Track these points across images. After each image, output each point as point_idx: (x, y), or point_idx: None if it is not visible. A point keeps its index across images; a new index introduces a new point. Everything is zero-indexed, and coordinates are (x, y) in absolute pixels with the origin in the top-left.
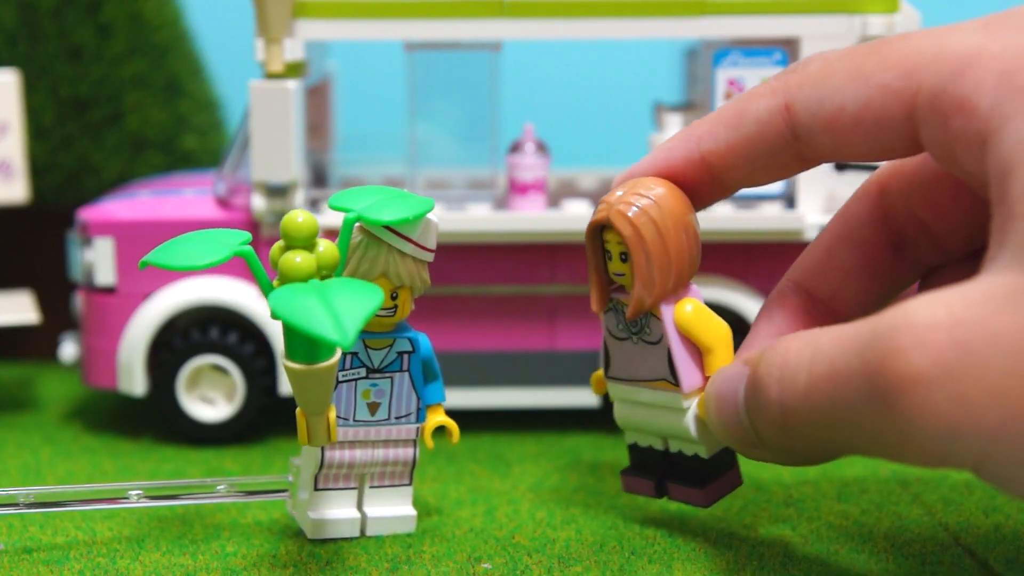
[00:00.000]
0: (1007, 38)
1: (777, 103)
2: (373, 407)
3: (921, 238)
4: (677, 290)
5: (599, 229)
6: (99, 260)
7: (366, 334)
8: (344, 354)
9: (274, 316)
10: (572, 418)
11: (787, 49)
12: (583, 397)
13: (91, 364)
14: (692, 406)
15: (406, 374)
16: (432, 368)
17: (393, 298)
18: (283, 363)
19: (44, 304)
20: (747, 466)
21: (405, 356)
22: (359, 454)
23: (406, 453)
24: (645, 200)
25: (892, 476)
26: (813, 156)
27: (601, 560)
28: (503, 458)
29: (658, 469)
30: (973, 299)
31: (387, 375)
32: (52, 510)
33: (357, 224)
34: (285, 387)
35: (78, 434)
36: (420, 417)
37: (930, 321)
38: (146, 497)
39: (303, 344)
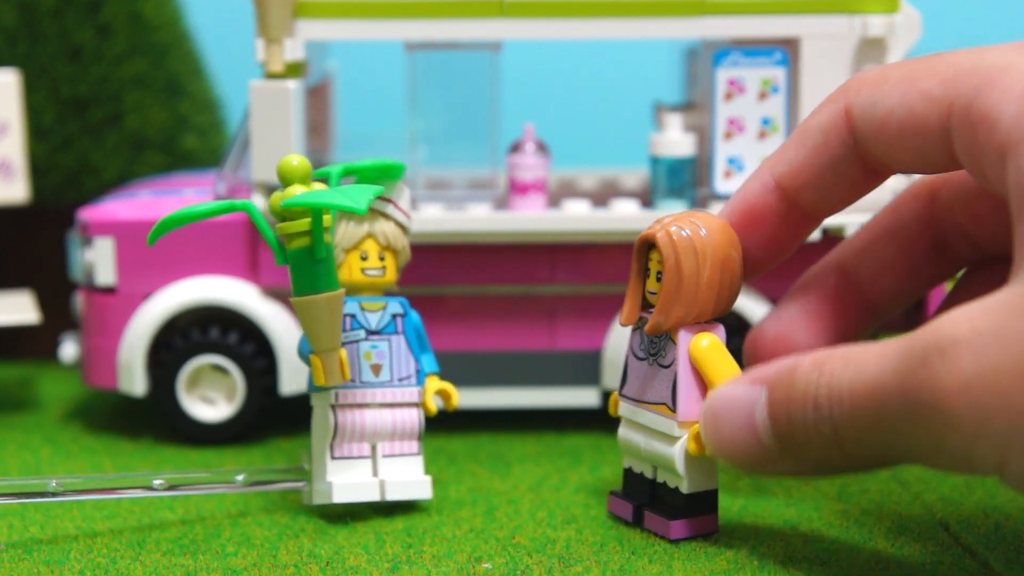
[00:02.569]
0: None
1: (837, 109)
2: (376, 368)
3: (962, 242)
4: (699, 320)
5: (648, 247)
6: (99, 260)
7: (361, 297)
8: (344, 316)
9: (289, 205)
10: (572, 418)
11: (787, 49)
12: (583, 397)
13: (91, 364)
14: (684, 438)
15: (401, 337)
16: (423, 339)
17: (380, 259)
18: (292, 300)
19: (44, 304)
20: None
21: (398, 319)
22: (368, 417)
23: (411, 417)
24: (693, 228)
25: (892, 476)
26: (874, 165)
27: (601, 560)
28: (503, 458)
29: (642, 496)
30: (992, 311)
31: (384, 337)
32: (82, 498)
33: None
34: (285, 387)
35: (78, 434)
36: (420, 380)
37: (954, 338)
38: (170, 487)
39: (308, 274)
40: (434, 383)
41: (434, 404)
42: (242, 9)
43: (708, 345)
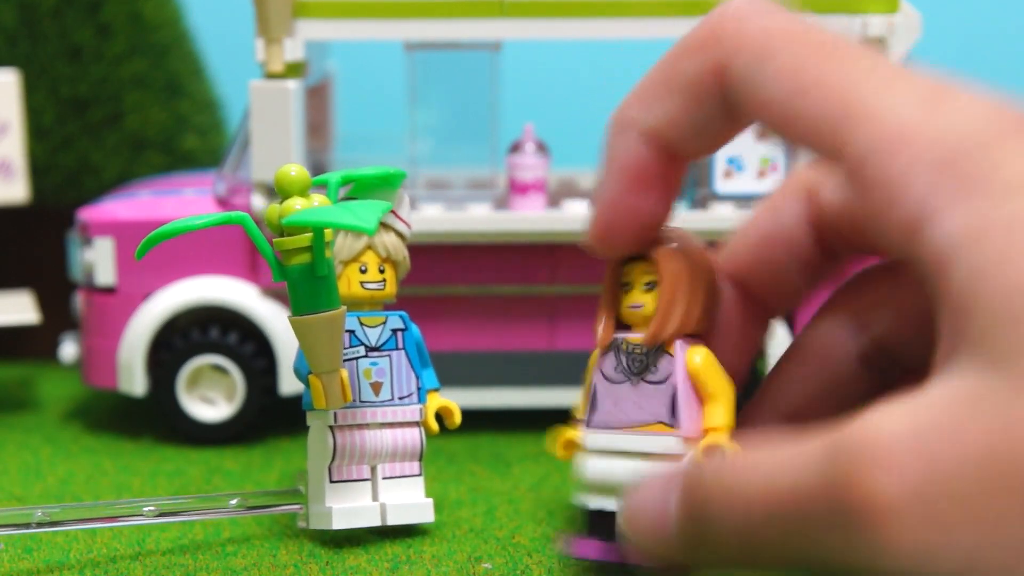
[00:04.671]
0: (947, 123)
1: (708, 63)
2: (376, 387)
3: (842, 243)
4: (688, 331)
5: (622, 261)
6: (99, 260)
7: (360, 312)
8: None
9: (292, 223)
10: (572, 418)
11: None
12: None
13: (91, 364)
14: (689, 455)
15: (402, 352)
16: (423, 354)
17: (380, 271)
18: (290, 320)
19: (44, 304)
20: None
21: (399, 334)
22: (368, 438)
23: (413, 437)
24: (679, 239)
25: None
26: (750, 122)
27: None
28: (503, 458)
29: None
30: (935, 409)
31: (385, 353)
32: (66, 528)
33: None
34: (285, 387)
35: (78, 434)
36: (421, 398)
37: (894, 438)
38: (160, 514)
39: (307, 292)
40: (436, 401)
41: (436, 423)
42: (242, 9)
43: (706, 357)
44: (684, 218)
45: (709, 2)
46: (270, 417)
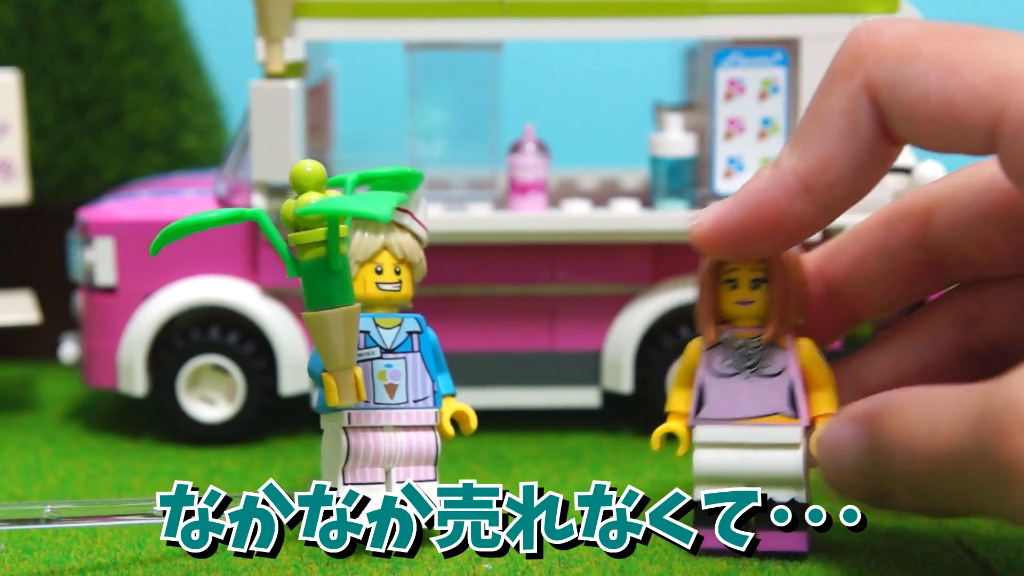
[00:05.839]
0: None
1: (856, 86)
2: (391, 389)
3: (958, 264)
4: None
5: (720, 260)
6: (99, 260)
7: (375, 313)
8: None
9: (306, 212)
10: (572, 418)
11: (787, 49)
12: (583, 397)
13: (91, 364)
14: (805, 444)
15: (418, 355)
16: (439, 359)
17: (396, 273)
18: (304, 316)
19: (44, 304)
20: None
21: (415, 336)
22: (383, 440)
23: (428, 440)
24: None
25: None
26: (899, 141)
27: (601, 560)
28: (503, 458)
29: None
30: None
31: (400, 355)
32: (76, 525)
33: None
34: (285, 387)
35: (78, 434)
36: (437, 402)
37: None
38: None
39: (322, 287)
40: (451, 405)
41: (451, 428)
42: (242, 9)
43: (811, 348)
44: (683, 218)
45: (710, 2)
46: (270, 417)
